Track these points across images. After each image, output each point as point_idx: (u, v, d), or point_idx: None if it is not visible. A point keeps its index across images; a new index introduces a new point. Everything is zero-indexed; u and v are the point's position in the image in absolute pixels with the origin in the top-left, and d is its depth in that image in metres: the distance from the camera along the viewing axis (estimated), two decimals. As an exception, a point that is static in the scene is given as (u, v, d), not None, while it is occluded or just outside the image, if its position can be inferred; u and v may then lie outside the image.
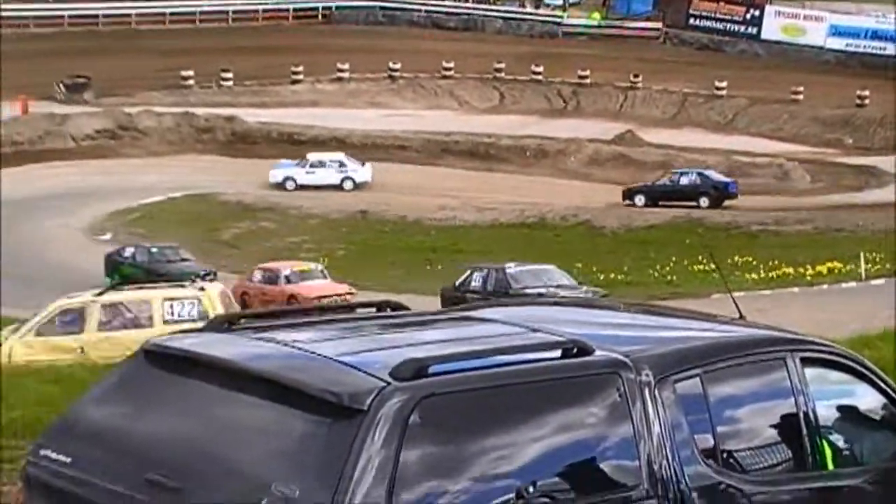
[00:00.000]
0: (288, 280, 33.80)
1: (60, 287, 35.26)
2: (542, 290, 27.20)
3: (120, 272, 36.60)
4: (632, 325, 5.48)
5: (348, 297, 30.87)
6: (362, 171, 50.95)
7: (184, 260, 37.68)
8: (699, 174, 48.44)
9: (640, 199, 48.14)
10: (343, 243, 43.18)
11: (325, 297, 31.06)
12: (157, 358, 4.51)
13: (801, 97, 62.71)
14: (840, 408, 5.23)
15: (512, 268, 31.52)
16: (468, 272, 32.27)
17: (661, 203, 47.14)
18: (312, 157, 51.31)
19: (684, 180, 48.14)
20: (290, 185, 50.06)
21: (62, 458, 4.37)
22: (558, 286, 29.44)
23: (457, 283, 31.83)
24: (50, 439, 4.53)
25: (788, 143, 58.72)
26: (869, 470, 5.13)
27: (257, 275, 34.66)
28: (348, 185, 50.44)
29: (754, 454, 4.79)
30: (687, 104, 65.09)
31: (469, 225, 45.82)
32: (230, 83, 63.32)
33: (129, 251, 38.46)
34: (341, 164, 50.88)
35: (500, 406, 4.20)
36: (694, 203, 46.67)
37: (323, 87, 65.23)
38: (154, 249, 38.37)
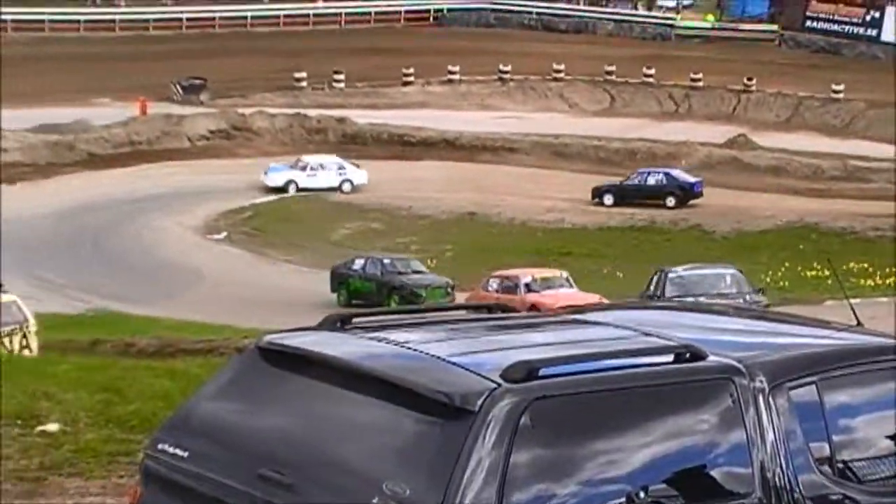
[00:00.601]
0: (529, 288, 31.22)
1: (170, 285, 36.16)
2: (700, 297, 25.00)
3: (349, 287, 34.28)
4: (746, 331, 5.41)
5: None
6: (359, 174, 50.59)
7: (416, 272, 35.13)
8: (665, 174, 49.23)
9: (608, 198, 48.53)
10: (451, 244, 43.33)
11: None
12: (271, 355, 4.57)
13: (920, 100, 61.19)
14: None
15: (678, 271, 29.22)
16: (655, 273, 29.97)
17: (628, 202, 47.49)
18: (310, 159, 50.85)
19: (651, 180, 49.01)
20: (292, 188, 49.41)
21: (179, 452, 4.46)
22: (718, 294, 27.09)
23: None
24: (167, 433, 4.62)
25: (907, 148, 57.38)
26: None
27: (493, 283, 32.04)
28: (346, 187, 50.04)
29: (871, 464, 4.69)
30: (802, 108, 64.02)
31: (578, 227, 45.65)
32: (342, 85, 64.02)
33: (358, 263, 35.07)
34: (340, 167, 50.50)
35: (611, 410, 4.18)
36: (661, 202, 47.48)
37: (433, 88, 65.58)
38: (386, 260, 35.25)
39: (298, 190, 49.23)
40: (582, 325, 5.08)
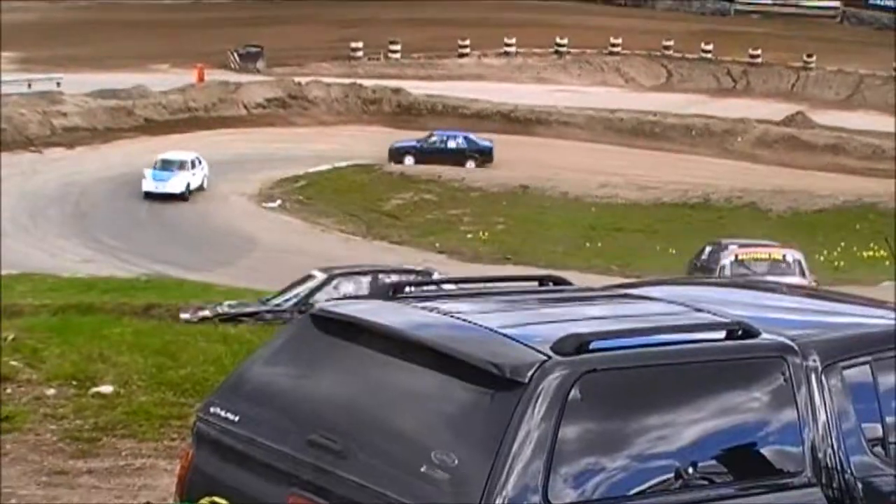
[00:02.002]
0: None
1: (224, 252, 36.41)
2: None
3: None
4: (799, 309, 5.37)
5: None
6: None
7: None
8: (465, 138, 50.08)
9: (409, 159, 48.99)
10: (503, 217, 43.25)
11: None
12: (324, 323, 4.60)
13: (984, 80, 60.22)
14: None
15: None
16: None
17: (428, 162, 48.00)
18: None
19: (451, 143, 49.80)
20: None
21: (230, 416, 4.51)
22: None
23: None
24: (219, 397, 4.67)
25: (968, 128, 56.46)
26: None
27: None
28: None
29: (924, 447, 4.65)
30: (863, 86, 63.15)
31: (630, 203, 45.38)
32: (398, 55, 63.93)
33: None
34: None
35: (662, 385, 4.17)
36: (461, 164, 48.51)
37: (489, 60, 65.35)
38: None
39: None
40: (633, 299, 5.07)
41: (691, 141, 54.14)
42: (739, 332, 4.39)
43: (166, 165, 42.75)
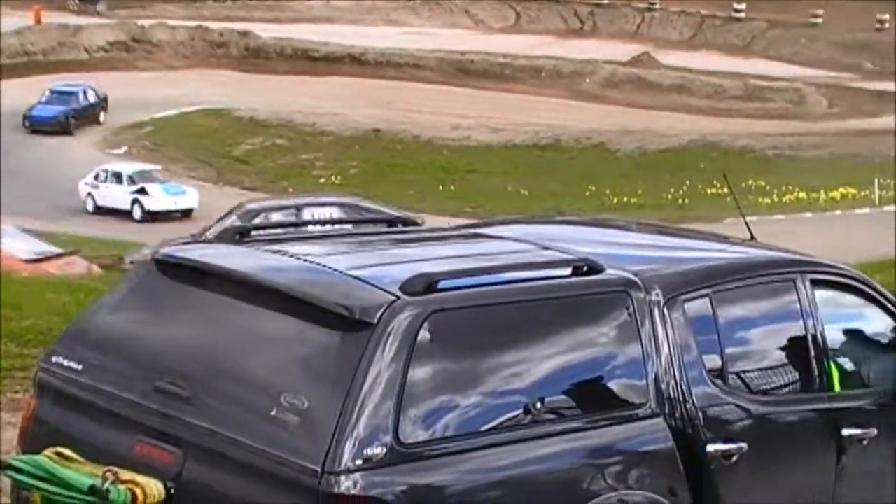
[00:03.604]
0: None
1: (65, 201, 35.43)
2: None
3: None
4: (643, 245, 5.47)
5: None
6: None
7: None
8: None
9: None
10: (356, 161, 43.10)
11: None
12: (169, 268, 4.50)
13: (819, 21, 62.05)
14: (849, 330, 5.23)
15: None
16: None
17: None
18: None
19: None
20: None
21: (74, 365, 4.40)
22: None
23: None
24: (62, 346, 4.55)
25: (806, 68, 58.23)
26: (876, 392, 5.13)
27: None
28: None
29: (762, 375, 4.80)
30: (704, 27, 64.47)
31: (483, 146, 45.66)
32: (245, -3, 62.88)
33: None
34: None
35: (509, 323, 4.20)
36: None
37: (338, 3, 64.74)
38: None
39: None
40: (482, 239, 5.09)
41: (541, 82, 54.65)
42: (585, 269, 4.44)
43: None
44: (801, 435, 4.83)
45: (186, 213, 35.24)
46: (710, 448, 4.45)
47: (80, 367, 4.37)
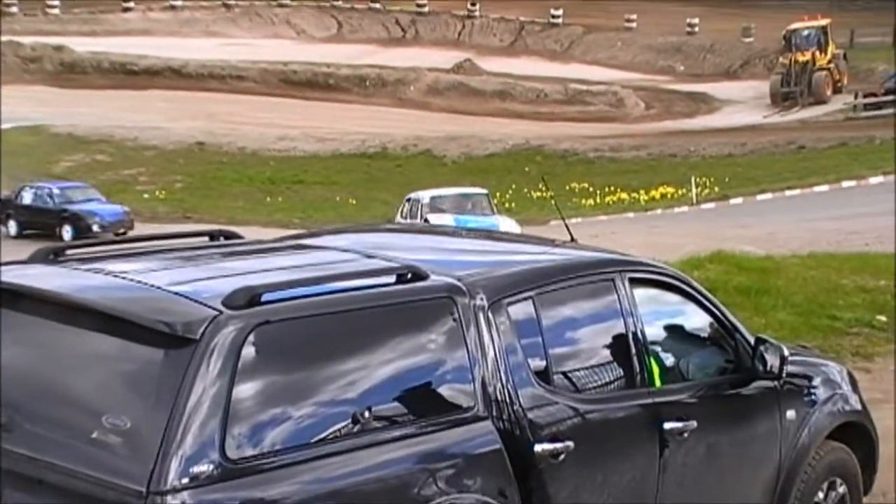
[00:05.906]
0: None
1: None
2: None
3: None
4: (467, 251, 5.54)
5: None
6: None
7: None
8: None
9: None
10: (181, 175, 42.42)
11: None
12: (-20, 293, 4.35)
13: (634, 25, 63.75)
14: (668, 326, 5.39)
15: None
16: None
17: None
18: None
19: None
20: None
21: None
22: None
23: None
24: None
25: (623, 71, 59.77)
26: (695, 385, 5.31)
27: None
28: None
29: (586, 374, 4.90)
30: (524, 32, 65.58)
31: (309, 155, 45.50)
32: (57, 10, 61.28)
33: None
34: None
35: (336, 333, 4.19)
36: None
37: (155, 15, 63.65)
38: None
39: None
40: (306, 249, 5.08)
41: (365, 91, 54.77)
42: (409, 276, 4.47)
43: None
44: (625, 430, 4.95)
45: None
46: (538, 448, 4.52)
47: None
